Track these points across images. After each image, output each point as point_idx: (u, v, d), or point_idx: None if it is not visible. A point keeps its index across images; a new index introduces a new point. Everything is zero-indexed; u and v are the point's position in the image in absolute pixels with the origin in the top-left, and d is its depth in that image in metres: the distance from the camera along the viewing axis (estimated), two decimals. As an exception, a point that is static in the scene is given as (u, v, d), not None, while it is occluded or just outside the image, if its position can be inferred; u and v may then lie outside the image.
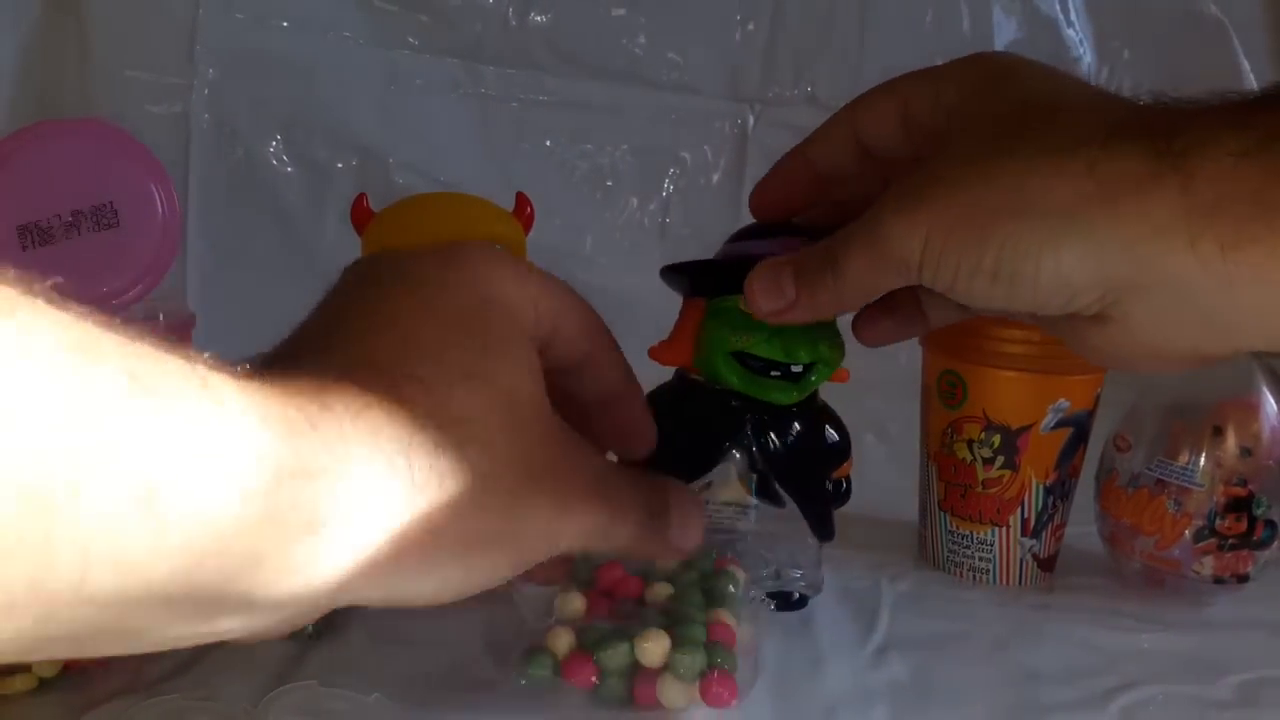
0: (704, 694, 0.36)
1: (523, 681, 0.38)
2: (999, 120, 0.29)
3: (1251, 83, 0.90)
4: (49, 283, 0.17)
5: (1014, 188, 0.27)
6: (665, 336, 0.46)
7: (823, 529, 0.46)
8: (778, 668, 0.40)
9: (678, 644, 0.37)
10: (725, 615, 0.39)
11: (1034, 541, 0.48)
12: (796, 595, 0.45)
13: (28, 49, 0.72)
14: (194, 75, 0.75)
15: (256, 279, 0.78)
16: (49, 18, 0.73)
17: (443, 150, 0.82)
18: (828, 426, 0.47)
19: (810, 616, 0.45)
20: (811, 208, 0.39)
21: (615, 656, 0.37)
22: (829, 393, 0.47)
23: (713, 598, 0.40)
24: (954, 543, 0.49)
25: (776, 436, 0.44)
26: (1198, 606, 0.47)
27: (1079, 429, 0.47)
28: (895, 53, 0.87)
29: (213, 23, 0.74)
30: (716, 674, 0.37)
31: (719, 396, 0.44)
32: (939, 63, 0.33)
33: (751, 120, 0.88)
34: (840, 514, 0.47)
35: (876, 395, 0.67)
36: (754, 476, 0.45)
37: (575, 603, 0.41)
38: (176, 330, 0.51)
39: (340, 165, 0.80)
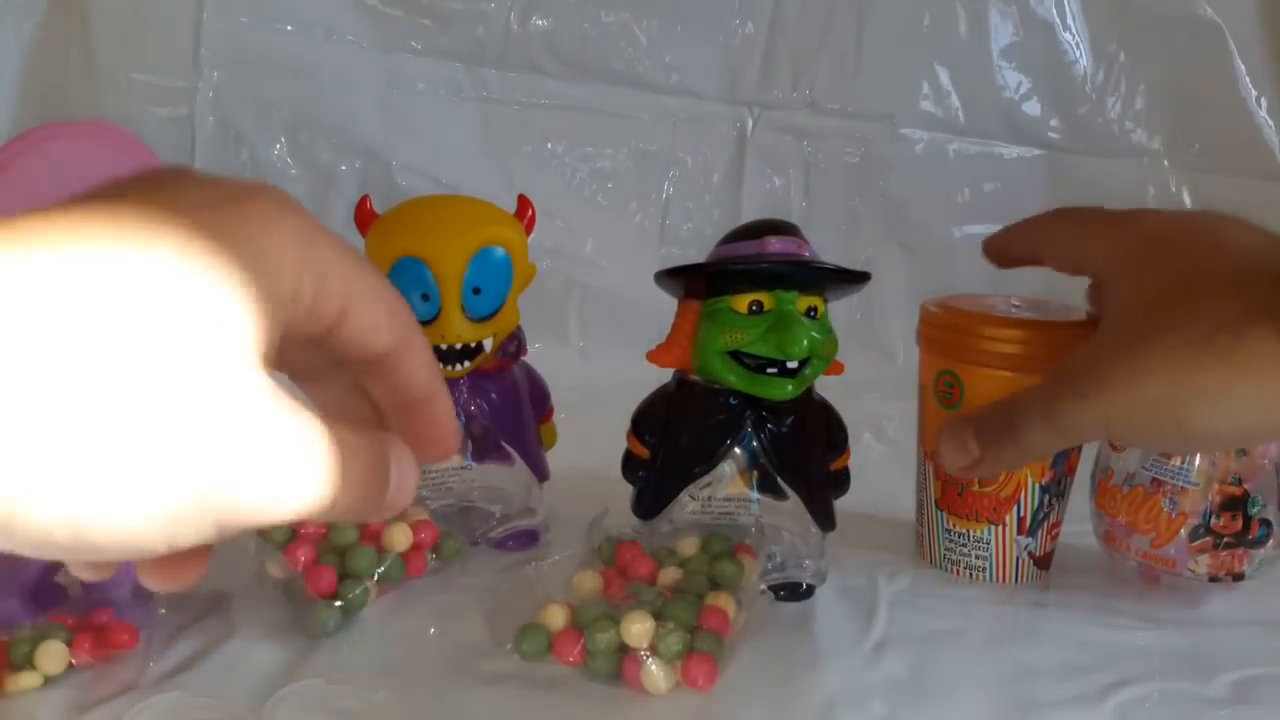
0: (683, 676, 0.37)
1: (516, 655, 0.39)
2: (1147, 309, 0.37)
3: (1247, 85, 0.90)
4: None
5: (1172, 379, 0.35)
6: (665, 338, 0.46)
7: (825, 519, 0.46)
8: (776, 664, 0.41)
9: (664, 626, 0.38)
10: (725, 601, 0.40)
11: (1030, 540, 0.49)
12: (805, 585, 0.46)
13: (33, 52, 0.73)
14: (199, 78, 0.75)
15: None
16: (54, 21, 0.73)
17: (445, 153, 0.82)
18: (825, 419, 0.47)
19: (808, 614, 0.45)
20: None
21: (602, 636, 0.38)
22: (827, 391, 0.48)
23: (717, 583, 0.41)
24: (951, 541, 0.50)
25: (776, 431, 0.45)
26: (1193, 605, 0.47)
27: (1075, 429, 0.48)
28: (893, 56, 0.88)
29: (217, 26, 0.75)
30: (696, 657, 0.37)
31: (718, 395, 0.45)
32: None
33: (750, 123, 0.88)
34: (838, 512, 0.47)
35: (874, 395, 0.67)
36: (755, 472, 0.45)
37: (591, 580, 0.42)
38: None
39: (344, 167, 0.80)
